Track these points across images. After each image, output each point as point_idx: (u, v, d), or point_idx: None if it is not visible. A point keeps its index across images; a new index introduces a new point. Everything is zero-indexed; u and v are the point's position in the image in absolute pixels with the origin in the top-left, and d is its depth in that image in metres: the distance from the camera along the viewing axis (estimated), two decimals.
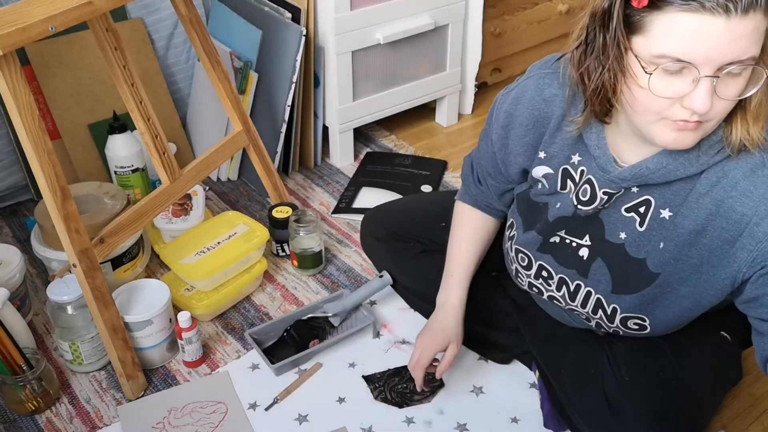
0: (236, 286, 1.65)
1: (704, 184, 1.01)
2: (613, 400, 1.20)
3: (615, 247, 1.13)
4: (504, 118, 1.19)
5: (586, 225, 1.15)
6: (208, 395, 1.45)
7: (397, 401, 1.42)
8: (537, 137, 1.17)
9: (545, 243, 1.21)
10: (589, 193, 1.11)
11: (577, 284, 1.19)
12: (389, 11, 2.03)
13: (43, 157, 1.28)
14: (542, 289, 1.27)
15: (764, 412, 1.44)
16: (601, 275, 1.15)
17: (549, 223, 1.19)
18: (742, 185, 0.98)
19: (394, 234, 1.55)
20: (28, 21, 1.21)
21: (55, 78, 1.89)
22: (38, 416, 1.43)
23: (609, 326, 1.20)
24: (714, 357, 1.24)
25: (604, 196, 1.10)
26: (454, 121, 2.42)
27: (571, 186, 1.14)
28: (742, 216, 0.98)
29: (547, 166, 1.17)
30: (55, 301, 1.42)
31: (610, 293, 1.15)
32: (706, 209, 1.01)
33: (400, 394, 1.43)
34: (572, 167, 1.13)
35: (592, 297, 1.18)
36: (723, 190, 0.99)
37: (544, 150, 1.16)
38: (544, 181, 1.19)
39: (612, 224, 1.12)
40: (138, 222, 1.51)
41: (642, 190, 1.07)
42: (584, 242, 1.16)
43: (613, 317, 1.18)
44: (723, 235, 1.01)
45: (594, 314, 1.20)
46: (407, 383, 1.45)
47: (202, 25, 1.64)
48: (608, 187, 1.08)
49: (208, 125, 2.11)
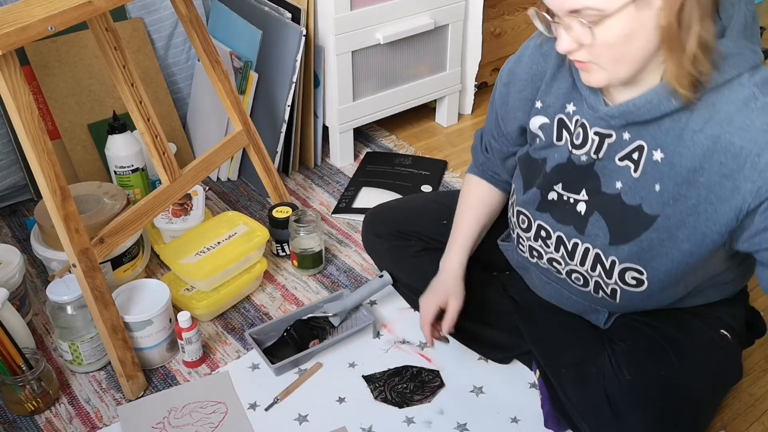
0: (236, 286, 1.65)
1: (697, 121, 1.03)
2: (615, 400, 1.20)
3: (611, 198, 1.15)
4: (506, 76, 1.27)
5: (582, 179, 1.18)
6: (208, 395, 1.45)
7: (397, 401, 1.42)
8: (534, 90, 1.22)
9: (544, 201, 1.23)
10: (581, 136, 1.15)
11: (575, 242, 1.21)
12: (389, 11, 2.03)
13: (42, 157, 1.28)
14: (542, 252, 1.28)
15: (764, 413, 1.44)
16: (598, 229, 1.17)
17: (547, 174, 1.22)
18: (738, 119, 1.00)
19: (395, 231, 1.55)
20: (28, 21, 1.21)
21: (55, 78, 1.88)
22: (38, 416, 1.43)
23: (608, 283, 1.20)
24: (714, 356, 1.25)
25: (595, 137, 1.13)
26: (454, 121, 2.42)
27: (566, 136, 1.19)
28: (741, 149, 1.00)
29: (543, 116, 1.22)
30: (55, 301, 1.42)
31: (608, 246, 1.16)
32: (703, 146, 1.03)
33: (400, 394, 1.43)
34: (567, 117, 1.18)
35: (591, 253, 1.19)
36: (718, 125, 1.01)
37: (541, 100, 1.22)
38: (540, 134, 1.23)
39: (607, 176, 1.14)
40: (138, 222, 1.51)
41: (634, 135, 1.09)
42: (581, 197, 1.18)
43: (611, 271, 1.18)
44: (722, 170, 1.02)
45: (593, 271, 1.21)
46: (407, 383, 1.45)
47: (202, 25, 1.64)
48: (598, 126, 1.12)
49: (208, 125, 2.11)
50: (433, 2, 2.11)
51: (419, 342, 1.57)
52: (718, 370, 1.25)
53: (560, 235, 1.23)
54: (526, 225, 1.28)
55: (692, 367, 1.21)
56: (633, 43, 0.98)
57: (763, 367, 1.53)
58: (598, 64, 1.02)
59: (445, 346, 1.54)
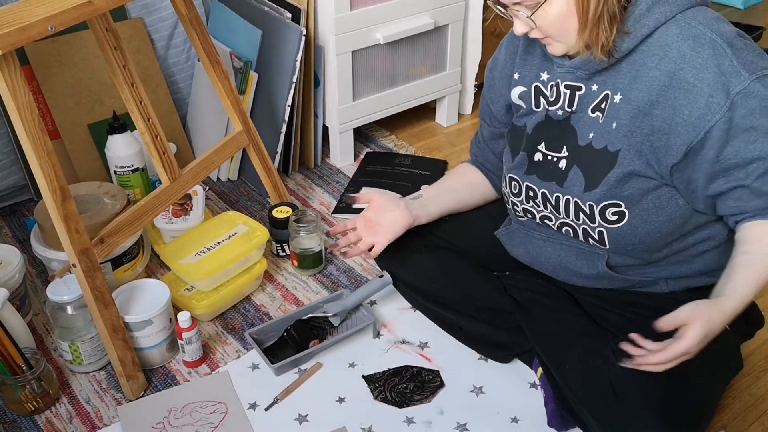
0: (236, 286, 1.65)
1: (652, 59, 1.15)
2: (620, 392, 1.21)
3: (586, 148, 1.25)
4: (491, 62, 1.42)
5: (561, 135, 1.28)
6: (208, 395, 1.45)
7: (397, 401, 1.42)
8: (512, 66, 1.37)
9: (531, 163, 1.33)
10: (555, 93, 1.28)
11: (557, 196, 1.30)
12: (389, 11, 2.03)
13: (42, 157, 1.28)
14: (534, 212, 1.36)
15: (764, 413, 1.44)
16: (575, 180, 1.27)
17: (529, 136, 1.33)
18: (692, 58, 1.11)
19: None
20: (28, 21, 1.21)
21: (55, 78, 1.88)
22: (38, 416, 1.43)
23: (593, 227, 1.27)
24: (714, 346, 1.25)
25: (566, 90, 1.25)
26: (454, 121, 2.42)
27: (543, 103, 1.31)
28: (694, 86, 1.11)
29: (521, 85, 1.34)
30: (55, 301, 1.42)
31: (583, 192, 1.26)
32: (659, 81, 1.14)
33: (400, 394, 1.43)
34: (542, 84, 1.30)
35: (571, 203, 1.28)
36: (673, 62, 1.13)
37: (518, 71, 1.35)
38: (521, 102, 1.35)
39: (582, 128, 1.25)
40: (138, 222, 1.51)
41: (600, 86, 1.21)
42: (563, 154, 1.29)
43: (593, 215, 1.26)
44: (675, 103, 1.13)
45: (578, 220, 1.29)
46: (407, 383, 1.45)
47: (202, 25, 1.64)
48: (567, 80, 1.25)
49: (208, 125, 2.11)
50: (433, 2, 2.11)
51: (419, 342, 1.57)
52: (719, 361, 1.26)
53: (544, 191, 1.32)
54: (516, 190, 1.37)
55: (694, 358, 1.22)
56: (570, 18, 1.13)
57: (763, 367, 1.53)
58: (553, 38, 1.18)
59: (444, 346, 1.54)
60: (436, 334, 1.57)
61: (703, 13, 1.15)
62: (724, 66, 1.10)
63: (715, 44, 1.11)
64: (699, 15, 1.14)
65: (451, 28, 2.20)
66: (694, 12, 1.15)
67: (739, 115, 1.10)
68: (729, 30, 1.14)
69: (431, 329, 1.58)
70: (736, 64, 1.10)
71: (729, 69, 1.10)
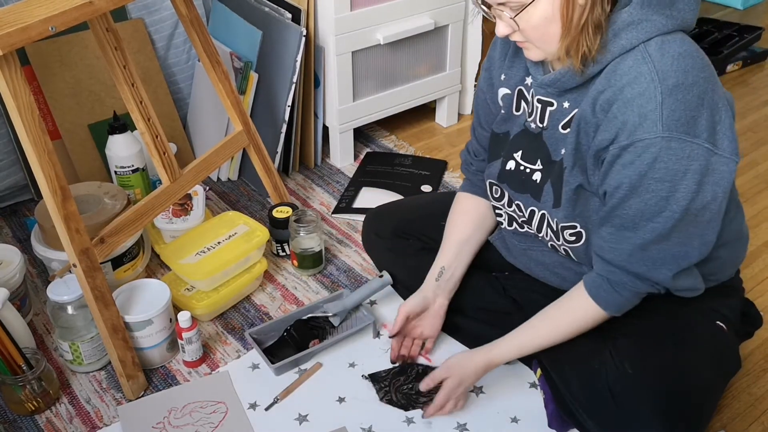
0: (236, 286, 1.65)
1: (602, 82, 1.12)
2: (618, 394, 1.21)
3: (558, 164, 1.24)
4: (487, 61, 1.39)
5: (536, 148, 1.27)
6: (208, 395, 1.45)
7: (402, 404, 1.42)
8: (502, 66, 1.34)
9: (502, 171, 1.33)
10: (531, 105, 1.27)
11: (531, 209, 1.30)
12: (389, 11, 2.03)
13: (43, 157, 1.28)
14: (516, 217, 1.36)
15: (764, 413, 1.44)
16: (548, 195, 1.26)
17: (510, 142, 1.32)
18: (627, 91, 1.08)
19: (396, 230, 1.56)
20: (29, 21, 1.21)
21: (55, 78, 1.89)
22: (38, 416, 1.43)
23: (560, 244, 1.29)
24: (712, 347, 1.26)
25: (538, 104, 1.24)
26: (454, 121, 2.42)
27: (524, 107, 1.29)
28: (622, 122, 1.09)
29: (506, 87, 1.33)
30: (55, 301, 1.43)
31: (552, 208, 1.26)
32: (599, 104, 1.12)
33: (406, 396, 1.43)
34: (525, 89, 1.28)
35: (544, 218, 1.28)
36: (612, 92, 1.10)
37: (505, 72, 1.33)
38: (502, 104, 1.34)
39: (553, 143, 1.24)
40: (138, 222, 1.51)
41: (572, 103, 1.19)
42: (537, 167, 1.28)
43: (558, 232, 1.27)
44: (599, 128, 1.13)
45: (546, 236, 1.30)
46: (412, 383, 1.45)
47: (202, 25, 1.64)
48: (540, 94, 1.24)
49: (208, 125, 2.12)
50: (433, 2, 2.11)
51: None
52: (717, 361, 1.26)
53: (518, 203, 1.32)
54: (498, 194, 1.37)
55: (691, 358, 1.22)
56: (553, 24, 1.10)
57: (762, 367, 1.53)
58: (532, 43, 1.15)
59: (445, 346, 1.54)
60: None
61: (669, 46, 1.08)
62: (646, 109, 1.06)
63: (651, 87, 1.06)
64: (662, 49, 1.08)
65: (451, 28, 2.20)
66: (660, 43, 1.08)
67: (627, 159, 1.09)
68: (685, 76, 1.06)
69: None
70: (657, 114, 1.05)
71: (649, 115, 1.06)
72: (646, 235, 1.13)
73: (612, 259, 1.18)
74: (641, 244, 1.14)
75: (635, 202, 1.11)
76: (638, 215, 1.12)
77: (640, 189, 1.10)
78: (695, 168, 1.07)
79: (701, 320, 1.28)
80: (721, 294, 1.31)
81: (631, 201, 1.11)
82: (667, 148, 1.06)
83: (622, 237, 1.16)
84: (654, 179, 1.08)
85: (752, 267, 1.80)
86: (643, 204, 1.10)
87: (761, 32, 2.93)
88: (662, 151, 1.06)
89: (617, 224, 1.15)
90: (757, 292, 1.72)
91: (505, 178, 1.33)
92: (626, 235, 1.15)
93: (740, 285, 1.39)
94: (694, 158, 1.06)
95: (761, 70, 2.84)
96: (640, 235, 1.13)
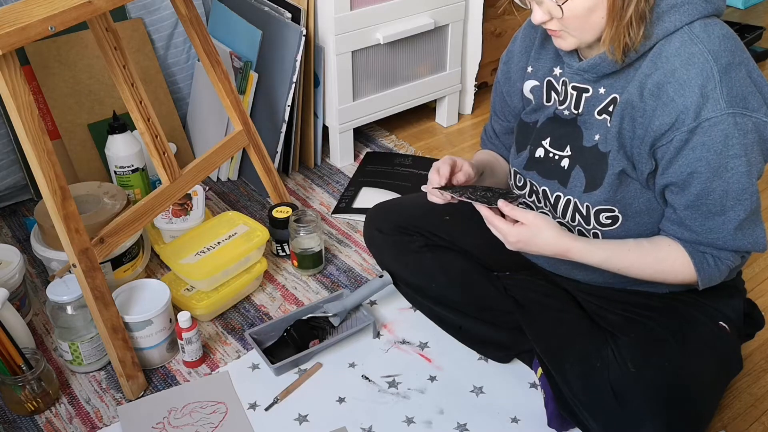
0: (236, 286, 1.65)
1: (649, 66, 1.14)
2: (620, 392, 1.21)
3: (590, 149, 1.25)
4: (506, 56, 1.41)
5: (567, 134, 1.28)
6: (208, 395, 1.45)
7: (488, 198, 1.29)
8: (527, 58, 1.36)
9: (531, 159, 1.34)
10: (563, 92, 1.28)
11: (557, 195, 1.30)
12: (389, 11, 2.03)
13: (42, 157, 1.28)
14: (534, 207, 1.37)
15: (764, 413, 1.44)
16: (577, 180, 1.27)
17: (537, 130, 1.33)
18: (680, 74, 1.11)
19: (398, 227, 1.56)
20: (28, 21, 1.21)
21: (55, 78, 1.89)
22: (38, 416, 1.43)
23: (588, 229, 1.28)
24: (715, 347, 1.27)
25: (573, 91, 1.26)
26: (454, 121, 2.42)
27: (554, 97, 1.31)
28: (673, 101, 1.11)
29: (534, 79, 1.34)
30: (55, 301, 1.42)
31: (582, 193, 1.26)
32: (648, 89, 1.14)
33: (488, 193, 1.31)
34: (555, 79, 1.30)
35: (570, 204, 1.28)
36: (663, 75, 1.12)
37: (531, 65, 1.34)
38: (531, 96, 1.35)
39: (588, 129, 1.25)
40: (138, 222, 1.51)
41: (608, 89, 1.21)
42: (565, 153, 1.29)
43: (588, 217, 1.27)
44: (653, 113, 1.14)
45: (573, 221, 1.30)
46: (485, 191, 1.33)
47: (202, 25, 1.64)
48: (575, 81, 1.25)
49: (208, 125, 2.11)
50: (433, 2, 2.11)
51: (419, 342, 1.57)
52: (719, 361, 1.27)
53: (545, 189, 1.32)
54: (521, 183, 1.38)
55: (694, 357, 1.22)
56: (596, 13, 1.11)
57: (763, 367, 1.53)
58: (568, 32, 1.16)
59: (444, 346, 1.54)
60: (436, 334, 1.57)
61: (712, 28, 1.12)
62: (707, 89, 1.09)
63: (706, 66, 1.10)
64: (707, 30, 1.12)
65: (451, 28, 2.20)
66: (703, 26, 1.12)
67: (698, 141, 1.11)
68: (733, 56, 1.11)
69: (431, 329, 1.58)
70: (719, 92, 1.09)
71: (710, 94, 1.09)
72: (739, 215, 1.15)
73: (713, 241, 1.18)
74: (738, 224, 1.16)
75: (718, 184, 1.13)
76: (724, 196, 1.14)
77: (719, 169, 1.12)
78: (759, 140, 1.12)
79: (704, 320, 1.29)
80: (725, 294, 1.32)
81: (714, 184, 1.13)
82: (734, 123, 1.09)
83: (714, 223, 1.16)
84: (730, 156, 1.11)
85: (753, 267, 1.79)
86: (726, 184, 1.13)
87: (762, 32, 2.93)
88: (731, 127, 1.09)
89: (704, 211, 1.16)
90: (758, 293, 1.72)
91: (533, 165, 1.34)
92: (718, 220, 1.16)
93: (742, 286, 1.39)
94: (757, 131, 1.11)
95: (762, 70, 2.83)
96: (733, 217, 1.15)
